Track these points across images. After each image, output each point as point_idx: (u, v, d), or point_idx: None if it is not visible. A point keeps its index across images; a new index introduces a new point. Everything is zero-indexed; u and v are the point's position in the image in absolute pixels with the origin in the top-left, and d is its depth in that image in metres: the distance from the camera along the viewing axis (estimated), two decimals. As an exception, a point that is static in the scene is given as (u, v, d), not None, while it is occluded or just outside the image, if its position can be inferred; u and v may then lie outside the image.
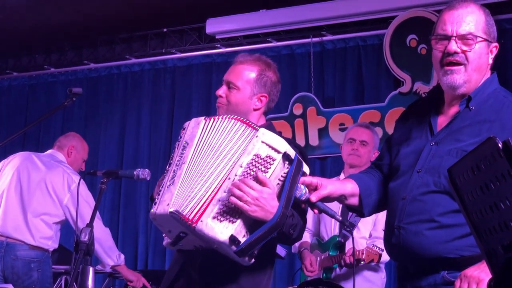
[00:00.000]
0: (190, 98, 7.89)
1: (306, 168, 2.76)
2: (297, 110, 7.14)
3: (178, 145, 2.88)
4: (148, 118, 8.11)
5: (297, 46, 7.39)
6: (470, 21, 2.60)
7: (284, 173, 2.71)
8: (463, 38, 2.60)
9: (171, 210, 2.69)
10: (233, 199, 2.63)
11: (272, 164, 2.68)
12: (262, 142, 2.70)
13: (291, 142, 3.12)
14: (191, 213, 2.67)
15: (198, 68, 7.89)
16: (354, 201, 2.85)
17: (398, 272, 2.82)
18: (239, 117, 2.84)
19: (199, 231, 2.65)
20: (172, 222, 2.74)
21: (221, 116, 2.86)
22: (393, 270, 5.79)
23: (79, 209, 5.16)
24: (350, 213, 4.92)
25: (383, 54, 6.73)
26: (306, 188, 2.70)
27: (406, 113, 2.93)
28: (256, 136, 2.72)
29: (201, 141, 2.81)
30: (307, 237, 5.20)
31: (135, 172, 2.98)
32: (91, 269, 2.82)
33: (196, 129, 2.85)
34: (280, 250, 5.33)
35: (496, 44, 2.64)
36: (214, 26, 7.32)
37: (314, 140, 7.03)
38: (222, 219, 2.65)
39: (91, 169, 3.51)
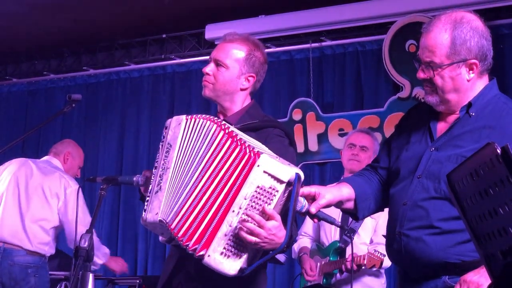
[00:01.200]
0: (189, 103, 7.89)
1: (301, 175, 2.67)
2: (296, 115, 7.14)
3: (162, 146, 2.85)
4: (147, 124, 8.11)
5: (296, 51, 7.40)
6: (432, 47, 2.62)
7: (286, 196, 2.64)
8: (427, 65, 2.65)
9: (160, 218, 2.69)
10: (246, 237, 2.57)
11: (276, 194, 2.60)
12: (264, 172, 2.58)
13: (268, 120, 3.13)
14: (194, 240, 2.63)
15: (197, 74, 7.89)
16: (350, 205, 2.86)
17: (399, 277, 2.83)
18: (222, 124, 2.76)
19: (205, 263, 2.62)
20: (164, 227, 2.73)
21: (202, 117, 2.81)
22: (392, 275, 5.78)
23: (70, 214, 5.19)
24: (351, 219, 4.92)
25: (382, 59, 6.73)
26: (305, 200, 2.68)
27: (406, 117, 2.94)
28: (258, 166, 2.58)
29: (183, 144, 2.77)
30: (307, 242, 5.20)
31: (134, 178, 2.97)
32: (91, 275, 2.81)
33: (178, 129, 2.82)
34: (280, 256, 5.33)
35: (474, 60, 2.61)
36: (213, 32, 7.32)
37: (313, 146, 7.03)
38: (229, 254, 2.61)
39: (91, 175, 3.52)
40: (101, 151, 8.34)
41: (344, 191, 2.83)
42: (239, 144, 2.67)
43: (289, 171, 2.61)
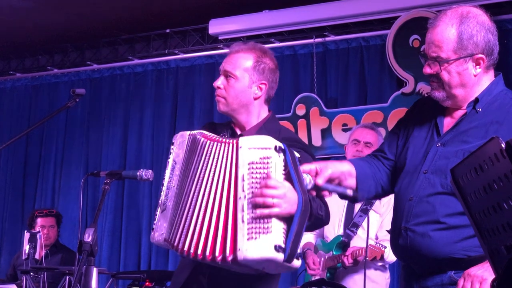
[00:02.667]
0: (193, 98, 7.89)
1: (297, 154, 2.71)
2: (300, 110, 7.14)
3: (169, 162, 2.87)
4: (151, 118, 8.11)
5: (300, 46, 7.39)
6: (440, 42, 2.62)
7: (284, 164, 2.64)
8: (434, 60, 2.64)
9: (165, 238, 2.73)
10: (261, 211, 2.54)
11: (270, 162, 2.61)
12: (249, 148, 2.63)
13: (298, 141, 3.11)
14: (214, 251, 2.60)
15: (201, 69, 7.89)
16: (352, 182, 2.81)
17: (404, 273, 2.82)
18: (214, 137, 2.78)
19: (242, 261, 2.56)
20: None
21: (203, 135, 2.80)
22: (396, 270, 5.78)
23: None
24: (355, 213, 4.93)
25: (386, 54, 6.72)
26: (309, 176, 2.66)
27: (412, 111, 2.93)
28: (240, 147, 2.64)
29: (185, 163, 2.79)
30: (311, 238, 5.20)
31: (138, 173, 2.98)
32: (94, 269, 2.82)
33: (182, 147, 2.84)
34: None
35: (480, 55, 2.61)
36: (217, 27, 7.32)
37: (317, 141, 7.03)
38: (257, 236, 2.54)
39: (94, 170, 3.51)
40: (104, 145, 8.34)
41: (345, 165, 2.81)
42: (220, 141, 2.71)
43: (272, 139, 2.65)
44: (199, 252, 2.61)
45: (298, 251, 2.63)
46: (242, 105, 3.08)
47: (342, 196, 2.85)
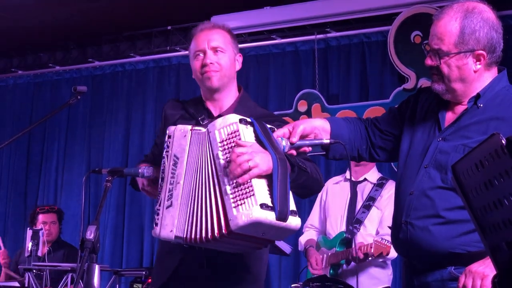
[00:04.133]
0: (195, 95, 7.80)
1: (269, 125, 2.77)
2: (302, 107, 7.14)
3: (167, 156, 2.89)
4: (153, 115, 8.11)
5: (301, 43, 7.39)
6: (441, 35, 2.63)
7: (253, 133, 2.72)
8: (435, 53, 2.65)
9: (176, 235, 2.77)
10: (240, 176, 2.60)
11: (238, 134, 2.68)
12: (217, 130, 2.72)
13: (274, 116, 3.20)
14: (212, 231, 2.66)
15: (203, 66, 7.88)
16: (326, 137, 2.82)
17: (405, 268, 2.83)
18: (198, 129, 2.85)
19: (237, 229, 2.60)
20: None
21: (195, 129, 2.86)
22: (398, 267, 5.79)
23: None
24: (357, 210, 4.93)
25: (387, 50, 6.72)
26: (284, 139, 2.70)
27: (416, 99, 2.91)
28: (210, 132, 2.75)
29: (190, 157, 2.83)
30: (313, 235, 5.21)
31: (140, 170, 2.98)
32: (97, 266, 2.81)
33: (184, 141, 2.86)
34: (285, 247, 5.34)
35: (481, 51, 2.61)
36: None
37: (318, 137, 7.02)
38: (241, 202, 2.60)
39: (96, 167, 3.51)
40: (106, 143, 8.35)
41: (318, 121, 2.85)
42: (195, 131, 2.82)
43: (236, 115, 2.73)
44: (204, 236, 2.68)
45: (293, 208, 2.67)
46: (231, 77, 3.15)
47: (322, 148, 2.87)
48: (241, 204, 2.58)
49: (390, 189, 4.86)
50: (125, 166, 7.74)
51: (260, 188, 2.61)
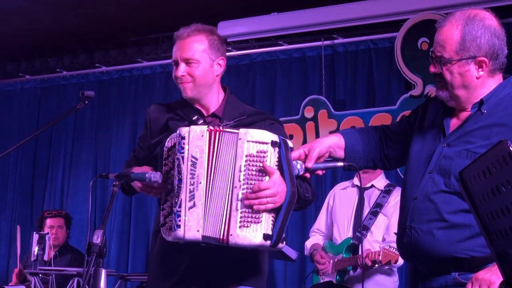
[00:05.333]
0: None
1: (290, 143, 2.88)
2: (308, 113, 7.14)
3: (183, 158, 2.89)
4: (159, 121, 8.11)
5: (308, 49, 7.39)
6: (443, 42, 2.66)
7: (277, 157, 2.81)
8: (438, 60, 2.68)
9: (204, 235, 2.84)
10: (257, 207, 2.77)
11: (266, 156, 2.78)
12: (248, 141, 2.80)
13: (264, 113, 3.25)
14: (222, 233, 2.81)
15: (210, 71, 7.89)
16: (341, 153, 2.96)
17: (409, 273, 2.85)
18: (221, 128, 2.91)
19: (233, 244, 2.79)
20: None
21: (222, 130, 2.90)
22: (404, 274, 5.78)
23: None
24: (364, 216, 4.93)
25: (394, 57, 6.72)
26: (299, 162, 2.85)
27: (424, 108, 2.95)
28: (240, 139, 2.81)
29: (211, 158, 2.88)
30: (319, 239, 5.21)
31: (146, 175, 2.98)
32: (103, 271, 2.82)
33: (202, 142, 2.88)
34: (291, 253, 5.34)
35: (483, 58, 2.63)
36: (226, 29, 7.32)
37: (325, 143, 7.02)
38: (247, 224, 2.78)
39: (103, 172, 3.52)
40: (113, 148, 8.36)
41: (332, 139, 2.96)
42: (224, 131, 2.88)
43: (270, 134, 2.82)
44: (221, 237, 2.82)
45: (284, 235, 2.84)
46: (207, 86, 3.17)
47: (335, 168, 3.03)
48: (246, 226, 2.77)
49: (397, 196, 4.86)
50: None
51: (267, 217, 2.80)
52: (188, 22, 3.28)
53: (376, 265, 4.67)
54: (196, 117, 3.17)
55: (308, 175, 2.91)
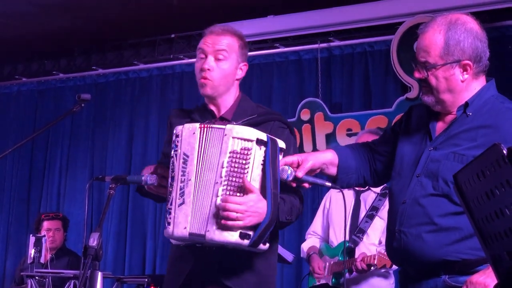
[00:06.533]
0: (198, 103, 7.86)
1: (281, 144, 2.84)
2: (305, 115, 7.15)
3: (177, 156, 2.90)
4: (156, 123, 8.13)
5: (304, 51, 7.40)
6: (427, 48, 2.69)
7: (263, 156, 2.79)
8: (423, 66, 2.70)
9: (190, 232, 2.82)
10: (225, 220, 2.74)
11: (250, 154, 2.76)
12: (233, 138, 2.77)
13: (275, 113, 3.20)
14: (203, 230, 2.79)
15: (206, 74, 7.89)
16: (333, 170, 2.97)
17: (400, 277, 2.86)
18: (210, 124, 2.90)
19: (210, 240, 2.77)
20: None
21: (213, 127, 2.88)
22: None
23: None
24: (360, 219, 4.93)
25: (390, 59, 6.74)
26: (290, 168, 2.81)
27: (408, 115, 2.97)
28: (225, 135, 2.79)
29: (200, 155, 2.86)
30: (316, 242, 5.21)
31: (143, 178, 2.98)
32: (99, 274, 2.82)
33: (193, 139, 2.88)
34: (288, 255, 5.34)
35: (467, 61, 2.65)
36: (222, 32, 7.32)
37: (321, 146, 7.04)
38: (225, 221, 2.75)
39: (99, 175, 3.51)
40: (110, 150, 8.36)
41: (327, 155, 2.96)
42: (211, 127, 2.86)
43: (256, 132, 2.79)
44: (203, 233, 2.80)
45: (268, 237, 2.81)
46: (227, 87, 3.13)
47: (328, 178, 3.03)
48: (223, 223, 2.74)
49: (393, 198, 4.86)
50: (128, 173, 7.74)
51: (244, 227, 2.77)
52: (184, 25, 3.28)
53: (372, 268, 4.68)
54: (207, 121, 3.11)
55: (294, 184, 2.87)
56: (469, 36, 2.66)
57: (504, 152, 1.52)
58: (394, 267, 4.71)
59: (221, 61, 3.08)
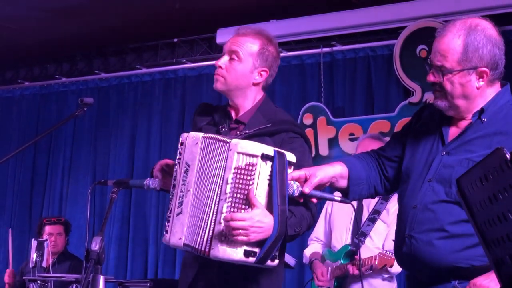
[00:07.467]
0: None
1: (290, 157, 2.78)
2: (307, 120, 7.14)
3: (180, 164, 2.90)
4: (158, 128, 8.13)
5: (307, 56, 7.40)
6: (445, 52, 2.63)
7: (270, 172, 2.72)
8: (438, 70, 2.65)
9: (185, 243, 2.80)
10: (229, 237, 2.69)
11: (255, 170, 2.70)
12: (238, 153, 2.71)
13: (293, 123, 3.14)
14: (202, 244, 2.75)
15: (209, 78, 7.89)
16: (343, 183, 2.89)
17: (408, 282, 2.83)
18: (216, 137, 2.86)
19: (214, 258, 2.73)
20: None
21: (217, 139, 2.85)
22: (403, 281, 5.78)
23: None
24: (363, 222, 4.93)
25: (393, 64, 6.73)
26: (297, 183, 2.74)
27: (418, 116, 2.94)
28: (230, 150, 2.73)
29: (201, 166, 2.84)
30: (318, 247, 5.20)
31: (145, 182, 2.98)
32: (101, 278, 2.82)
33: (195, 149, 2.87)
34: (290, 260, 5.33)
35: (484, 69, 2.62)
36: (225, 36, 7.32)
37: (324, 150, 7.03)
38: (229, 239, 2.70)
39: (102, 179, 3.52)
40: (112, 154, 8.36)
41: (336, 168, 2.87)
42: (218, 140, 2.81)
43: (262, 147, 2.72)
44: (203, 247, 2.77)
45: (275, 253, 2.76)
46: (239, 88, 3.11)
47: (340, 191, 2.95)
48: (227, 241, 2.70)
49: (396, 203, 4.85)
50: (131, 177, 7.74)
51: (250, 243, 2.72)
52: (187, 30, 3.28)
53: (373, 269, 4.66)
54: (224, 125, 3.12)
55: (301, 199, 2.81)
56: (488, 43, 2.62)
57: (507, 156, 1.52)
58: (395, 269, 4.70)
59: (234, 61, 3.10)
